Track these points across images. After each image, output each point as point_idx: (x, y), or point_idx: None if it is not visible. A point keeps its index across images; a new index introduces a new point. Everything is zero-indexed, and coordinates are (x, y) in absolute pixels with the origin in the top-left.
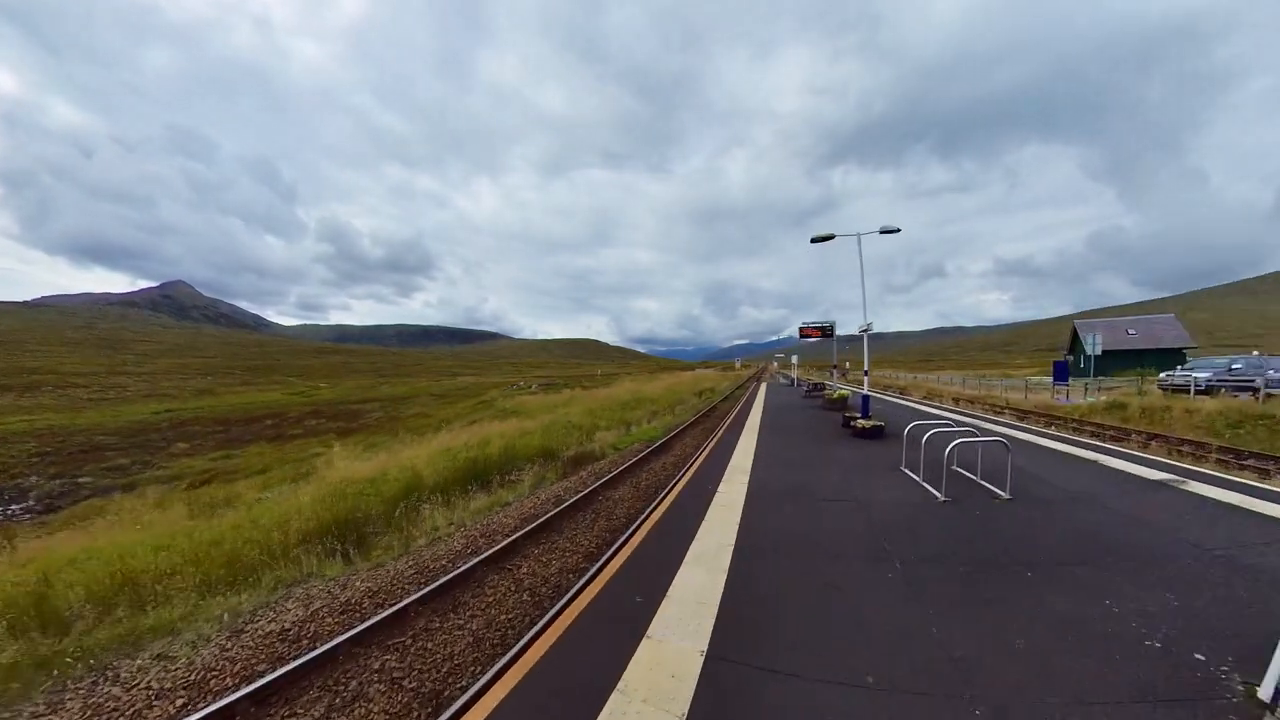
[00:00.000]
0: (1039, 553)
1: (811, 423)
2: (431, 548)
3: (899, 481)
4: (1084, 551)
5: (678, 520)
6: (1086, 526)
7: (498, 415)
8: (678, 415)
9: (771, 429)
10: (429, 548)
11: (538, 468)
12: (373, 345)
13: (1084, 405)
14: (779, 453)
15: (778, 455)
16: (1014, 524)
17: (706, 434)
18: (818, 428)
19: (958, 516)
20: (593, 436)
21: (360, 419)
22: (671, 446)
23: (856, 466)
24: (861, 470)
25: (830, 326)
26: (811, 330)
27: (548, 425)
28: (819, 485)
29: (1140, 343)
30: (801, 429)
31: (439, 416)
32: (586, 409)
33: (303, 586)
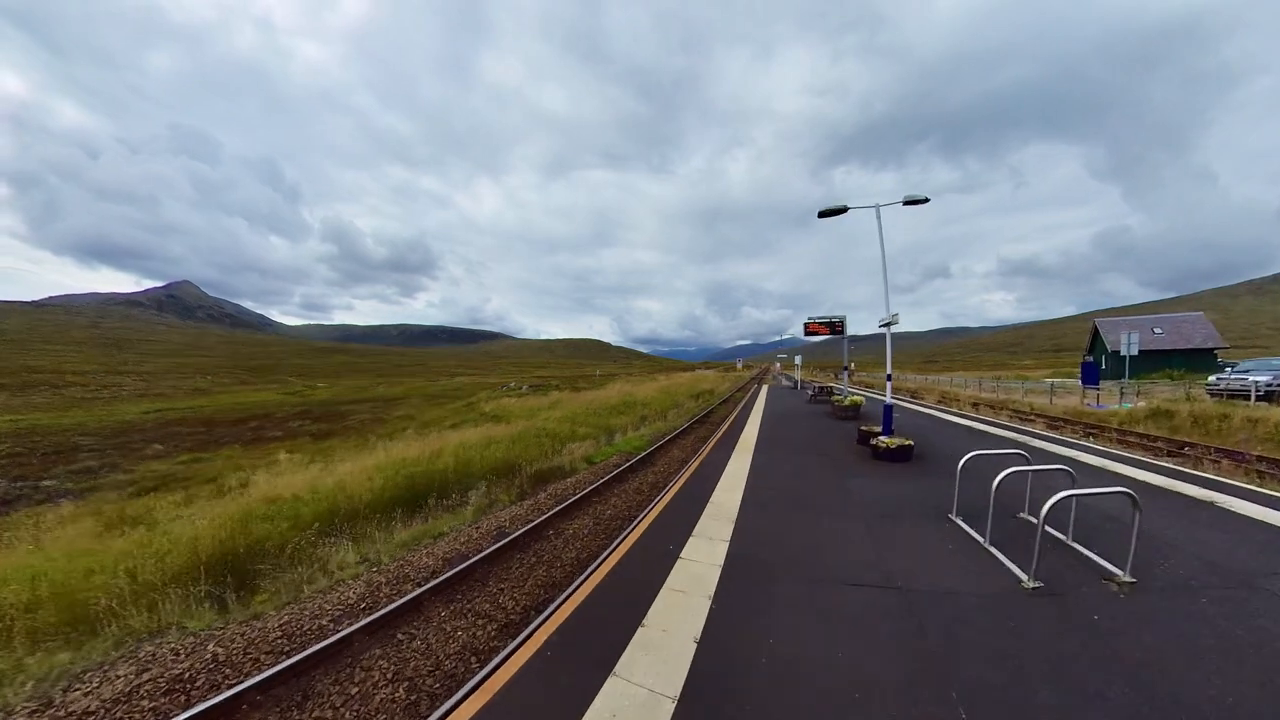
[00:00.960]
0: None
1: (820, 437)
2: (325, 596)
3: (952, 541)
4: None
5: (618, 603)
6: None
7: (476, 420)
8: (669, 421)
9: (770, 445)
10: (322, 595)
11: (493, 486)
12: (376, 345)
13: (1121, 412)
14: (779, 484)
15: (776, 488)
16: (1179, 653)
17: (698, 443)
18: (827, 444)
19: (1068, 630)
20: (567, 448)
21: (346, 420)
22: (654, 461)
23: (885, 511)
24: (893, 518)
25: (839, 322)
26: (818, 327)
27: (520, 433)
28: (834, 548)
29: (1167, 343)
30: (807, 446)
31: (423, 419)
32: (569, 414)
33: (154, 643)
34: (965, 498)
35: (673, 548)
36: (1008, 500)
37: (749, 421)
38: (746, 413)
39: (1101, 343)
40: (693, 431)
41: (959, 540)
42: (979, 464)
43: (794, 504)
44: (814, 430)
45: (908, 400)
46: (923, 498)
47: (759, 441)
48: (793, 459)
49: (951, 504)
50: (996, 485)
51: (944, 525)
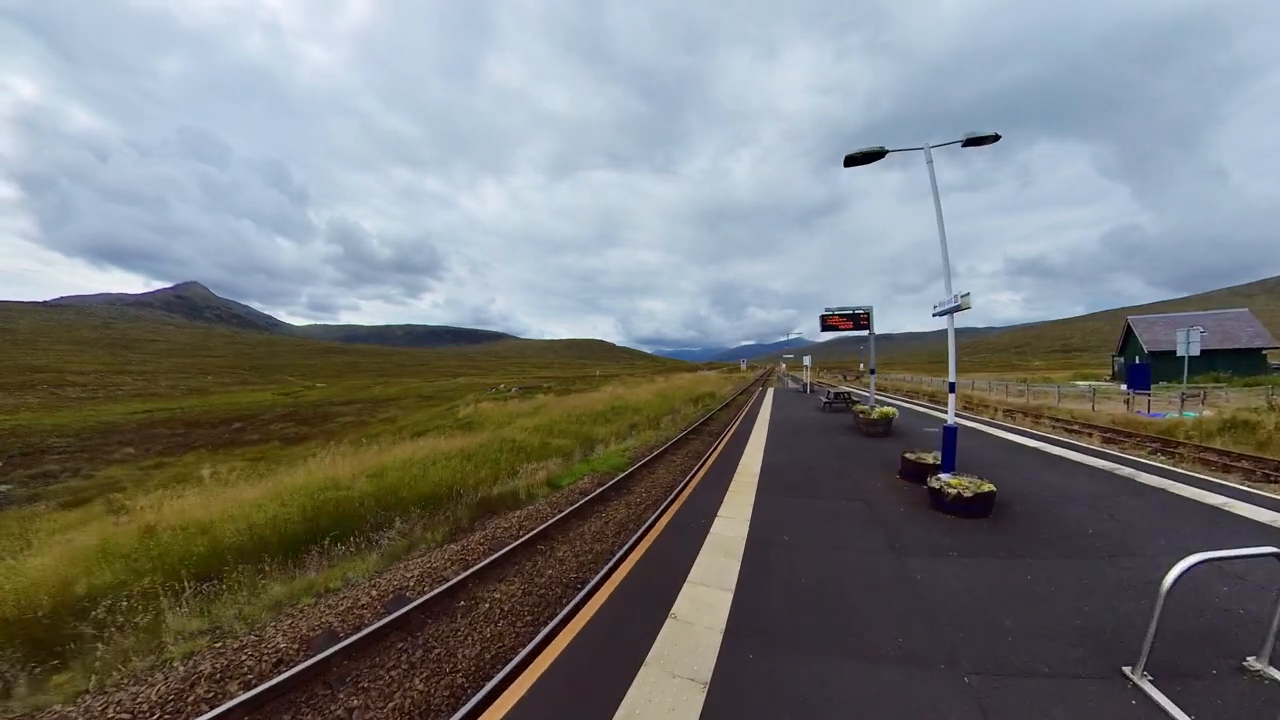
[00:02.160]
0: None
1: (847, 467)
2: (129, 687)
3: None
4: None
5: None
6: None
7: (447, 427)
8: (661, 431)
9: (779, 479)
10: (128, 685)
11: (425, 518)
12: (380, 345)
13: (1186, 422)
14: (791, 568)
15: (787, 581)
16: None
17: (690, 461)
18: (859, 480)
19: None
20: (531, 466)
21: (330, 422)
22: (630, 488)
23: (994, 652)
24: (1018, 675)
25: (864, 314)
26: (838, 320)
27: (481, 446)
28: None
29: (1211, 342)
30: (831, 482)
31: (404, 422)
32: (547, 422)
33: None
34: (1122, 612)
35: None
36: (1206, 621)
37: (751, 436)
38: (749, 425)
39: (1135, 342)
40: (686, 444)
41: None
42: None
43: (821, 626)
44: (836, 454)
45: (927, 405)
46: (1049, 607)
47: (764, 471)
48: (812, 508)
49: (1102, 623)
50: (1168, 588)
51: (1121, 693)
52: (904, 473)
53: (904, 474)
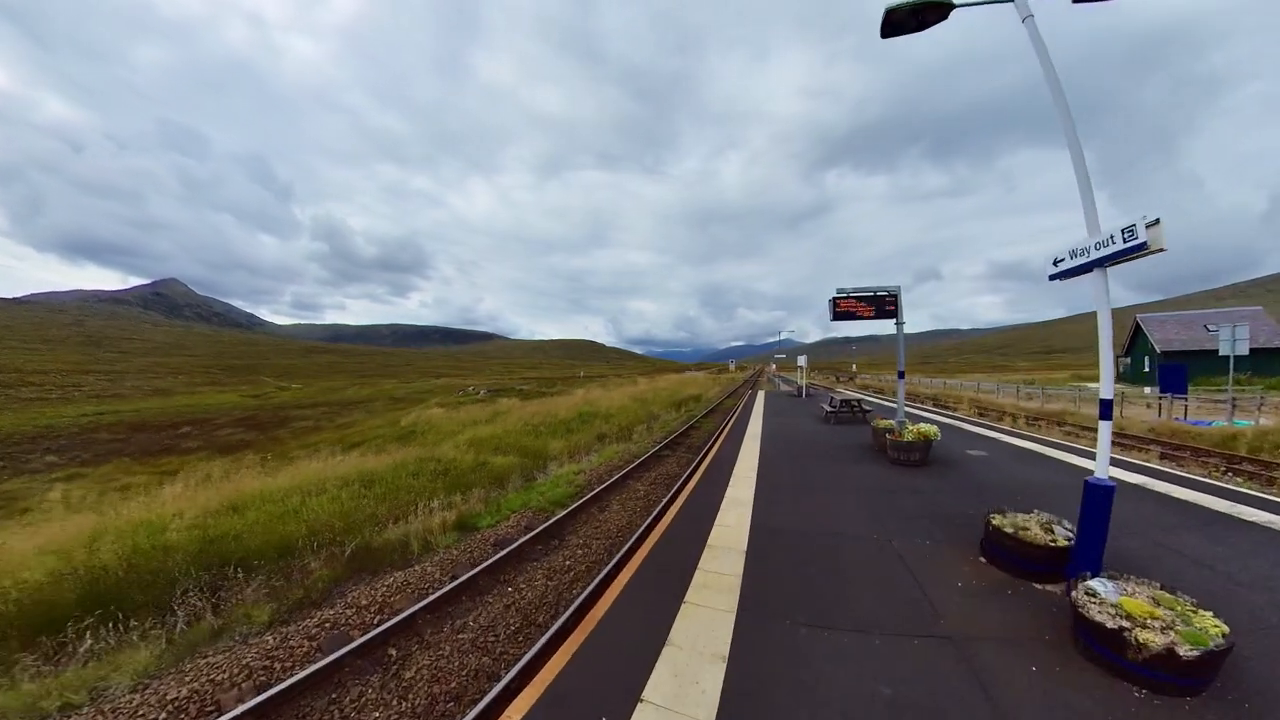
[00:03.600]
0: None
1: (889, 552)
2: None
3: None
4: None
5: None
6: None
7: (384, 438)
8: (633, 444)
9: (782, 586)
10: None
11: (273, 578)
12: (365, 345)
13: (1245, 432)
14: None
15: None
16: None
17: (657, 488)
18: (926, 580)
19: None
20: (458, 495)
21: (286, 426)
22: (564, 536)
23: None
24: None
25: (891, 297)
26: (854, 305)
27: (396, 467)
28: None
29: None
30: (872, 587)
31: (365, 427)
32: (499, 433)
33: None
34: None
35: None
36: None
37: (738, 463)
38: (735, 444)
39: (1144, 342)
40: (655, 466)
41: None
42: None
43: None
44: (862, 502)
45: (932, 410)
46: None
47: (754, 542)
48: (842, 653)
49: None
50: None
51: None
52: (990, 552)
53: (990, 555)
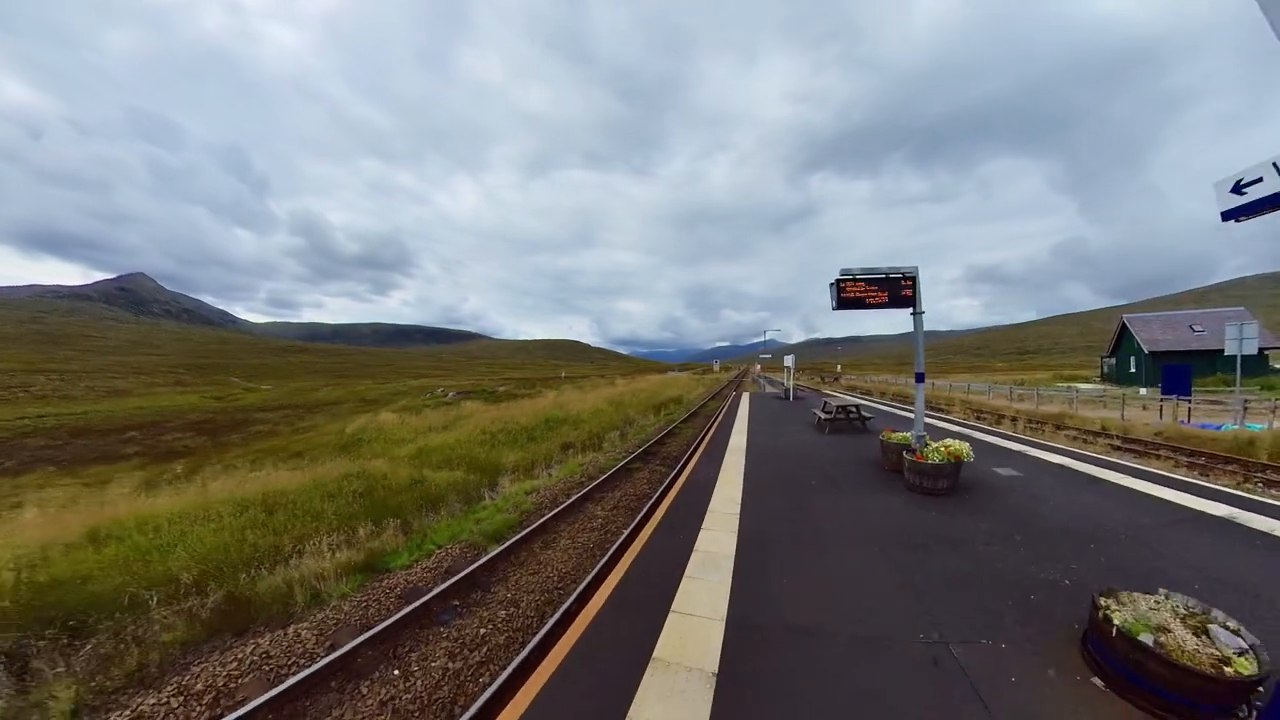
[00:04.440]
0: None
1: (958, 681)
2: None
3: None
4: None
5: None
6: None
7: (325, 447)
8: (603, 454)
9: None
10: None
11: (115, 634)
12: (344, 345)
13: (1262, 436)
14: None
15: None
16: None
17: (620, 514)
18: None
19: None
20: (374, 524)
21: (241, 431)
22: (488, 588)
23: None
24: None
25: (909, 279)
26: (861, 290)
27: (309, 488)
28: None
29: (1210, 342)
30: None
31: (316, 434)
32: (450, 442)
33: None
34: None
35: None
36: None
37: (717, 489)
38: (713, 465)
39: (1130, 342)
40: (622, 481)
41: None
42: None
43: None
44: (893, 572)
45: (925, 413)
46: None
47: (725, 679)
48: None
49: None
50: None
51: None
52: (1106, 663)
53: (1107, 669)
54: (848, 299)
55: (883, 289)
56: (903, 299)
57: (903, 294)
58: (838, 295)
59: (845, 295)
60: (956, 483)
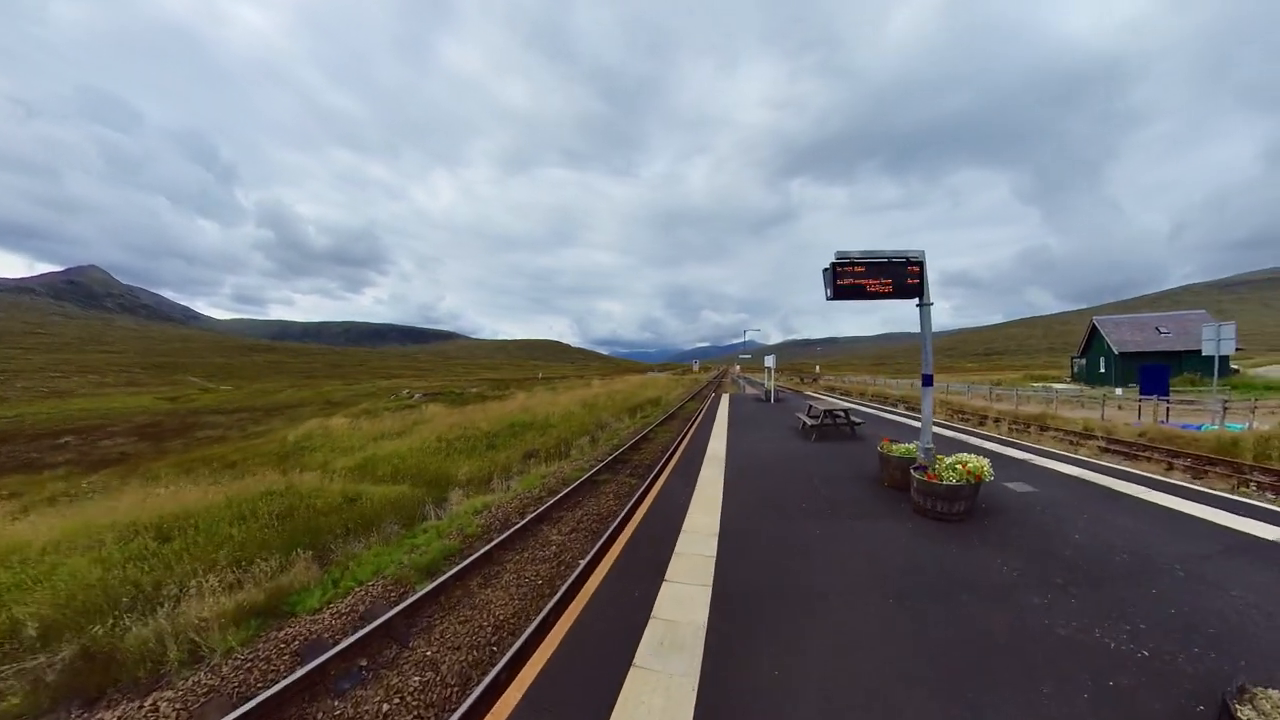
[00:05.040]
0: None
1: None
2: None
3: None
4: None
5: None
6: None
7: (268, 457)
8: (570, 463)
9: None
10: None
11: None
12: (314, 344)
13: (1248, 436)
14: None
15: None
16: None
17: (576, 543)
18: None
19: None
20: (299, 546)
21: (188, 435)
22: (407, 642)
23: None
24: None
25: (915, 263)
26: (864, 278)
27: (228, 503)
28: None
29: (1175, 343)
30: None
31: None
32: (402, 451)
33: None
34: None
35: None
36: None
37: (687, 527)
38: (687, 481)
39: (1100, 343)
40: (587, 496)
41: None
42: None
43: None
44: (919, 649)
45: (904, 413)
46: None
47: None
48: None
49: None
50: None
51: None
52: None
53: None
54: (845, 288)
55: (886, 276)
56: (908, 288)
57: (908, 282)
58: (833, 283)
59: (842, 283)
60: (974, 506)
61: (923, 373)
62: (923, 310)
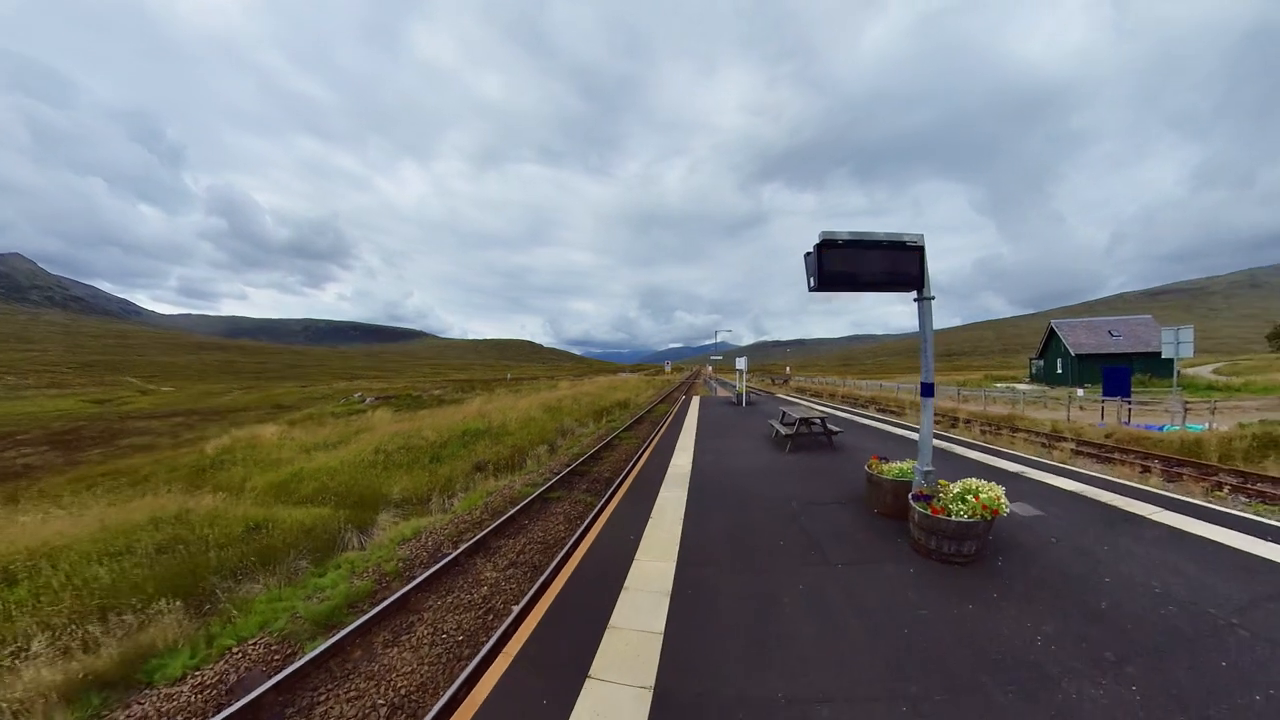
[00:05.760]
0: None
1: None
2: None
3: None
4: None
5: None
6: None
7: (182, 473)
8: (522, 476)
9: None
10: None
11: None
12: (271, 343)
13: (1210, 437)
14: None
15: None
16: None
17: (511, 584)
18: None
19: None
20: (174, 593)
21: (113, 444)
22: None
23: None
24: None
25: (914, 246)
26: (856, 263)
27: (97, 536)
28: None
29: (1125, 345)
30: None
31: (197, 451)
32: (333, 465)
33: None
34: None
35: None
36: None
37: (633, 580)
38: (641, 506)
39: (1058, 345)
40: (534, 519)
41: None
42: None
43: None
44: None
45: (876, 416)
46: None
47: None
48: None
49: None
50: None
51: None
52: None
53: None
54: (832, 275)
55: (880, 263)
56: (907, 277)
57: (907, 270)
58: (817, 270)
59: (828, 270)
60: (980, 546)
61: (922, 380)
62: (922, 305)
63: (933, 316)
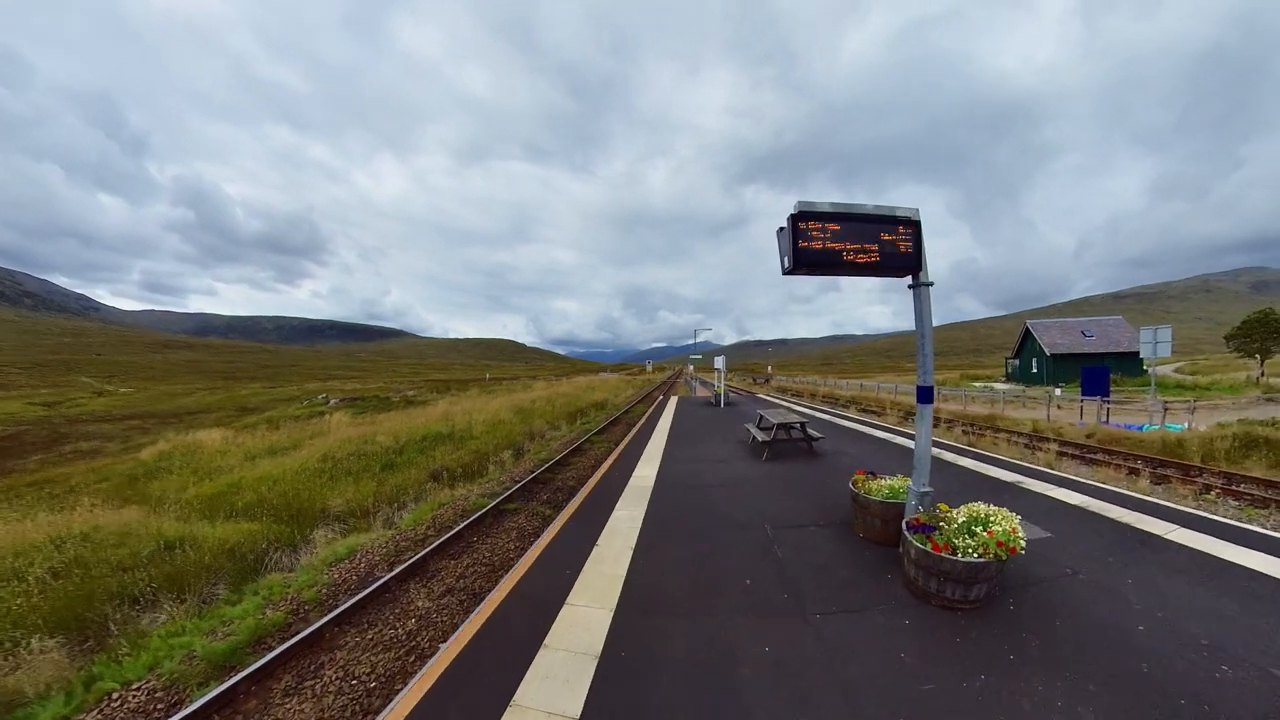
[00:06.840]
0: None
1: None
2: None
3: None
4: None
5: None
6: None
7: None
8: (479, 485)
9: None
10: None
11: None
12: (242, 341)
13: (1191, 437)
14: None
15: None
16: None
17: (443, 615)
18: None
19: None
20: (61, 627)
21: (54, 450)
22: None
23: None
24: None
25: (909, 222)
26: (841, 240)
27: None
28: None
29: (1098, 345)
30: None
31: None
32: (276, 473)
33: None
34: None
35: None
36: None
37: (552, 636)
38: (588, 536)
39: (1034, 345)
40: (486, 535)
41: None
42: None
43: None
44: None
45: (856, 417)
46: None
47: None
48: None
49: None
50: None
51: None
52: None
53: None
54: (810, 254)
55: (868, 240)
56: (899, 257)
57: (900, 249)
58: (792, 247)
59: (805, 247)
60: (998, 580)
61: (919, 384)
62: (918, 292)
63: (930, 306)
